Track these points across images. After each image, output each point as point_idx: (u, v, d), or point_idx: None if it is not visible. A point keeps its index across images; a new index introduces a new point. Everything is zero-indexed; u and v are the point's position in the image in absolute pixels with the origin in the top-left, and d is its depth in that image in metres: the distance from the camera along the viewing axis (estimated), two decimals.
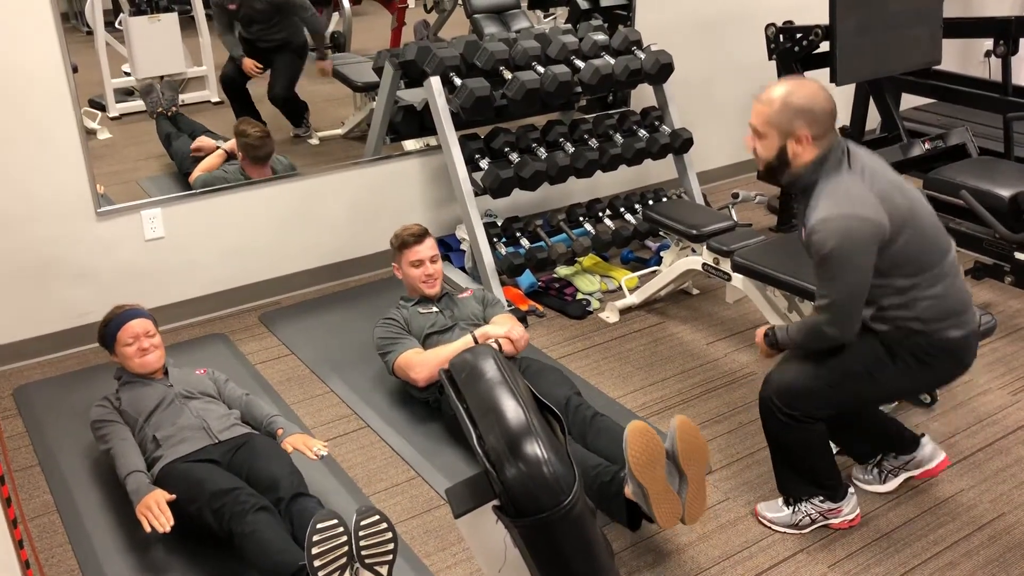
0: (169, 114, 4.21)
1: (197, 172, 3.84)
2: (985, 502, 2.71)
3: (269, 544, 2.23)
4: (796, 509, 2.59)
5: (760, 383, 2.87)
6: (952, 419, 3.10)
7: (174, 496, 2.39)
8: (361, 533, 2.11)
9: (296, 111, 4.41)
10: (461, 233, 4.01)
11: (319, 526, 2.08)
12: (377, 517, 2.14)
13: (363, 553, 2.10)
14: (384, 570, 2.14)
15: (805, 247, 2.33)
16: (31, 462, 2.88)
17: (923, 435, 2.75)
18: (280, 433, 2.68)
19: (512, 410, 1.87)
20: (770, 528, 2.61)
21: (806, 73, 4.17)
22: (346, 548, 2.08)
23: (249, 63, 4.26)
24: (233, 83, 4.32)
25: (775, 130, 2.28)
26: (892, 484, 2.75)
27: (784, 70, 4.23)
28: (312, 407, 3.17)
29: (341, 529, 2.09)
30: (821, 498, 2.58)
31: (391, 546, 2.15)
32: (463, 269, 4.01)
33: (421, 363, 2.91)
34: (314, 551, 2.05)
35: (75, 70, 3.18)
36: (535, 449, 1.82)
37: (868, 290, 2.28)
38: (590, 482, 2.39)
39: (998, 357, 3.46)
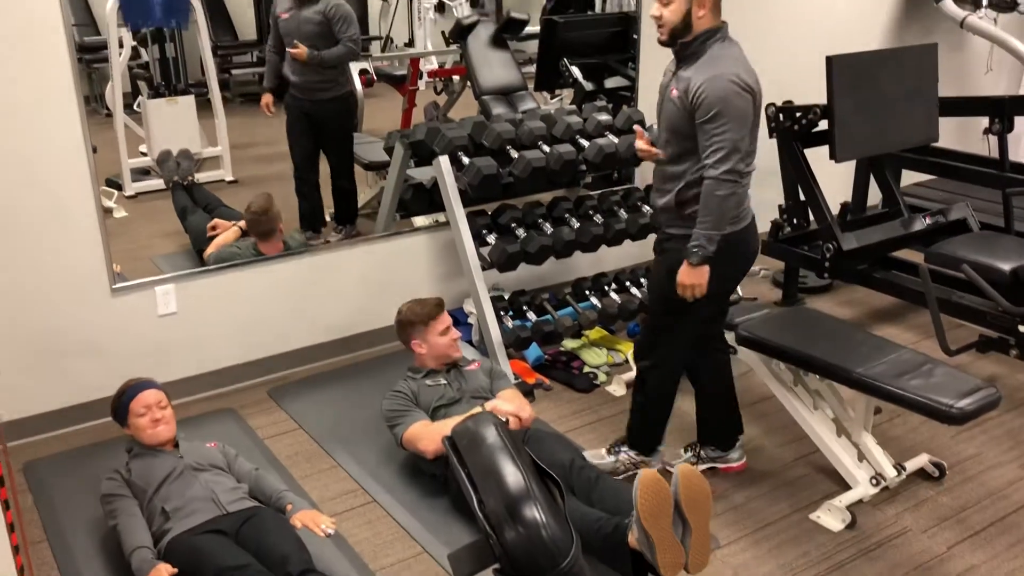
0: (185, 183, 4.31)
1: (211, 248, 3.92)
2: None
3: None
4: (617, 458, 3.11)
5: (768, 459, 2.89)
6: (961, 493, 3.08)
7: (176, 571, 2.38)
8: None
9: (349, 207, 4.47)
10: (469, 307, 4.05)
11: None
12: None
13: None
14: None
15: (680, 104, 2.61)
16: (39, 538, 2.88)
17: (740, 437, 3.19)
18: (290, 508, 2.69)
19: (512, 475, 1.90)
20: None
21: (807, 151, 4.27)
22: None
23: (267, 99, 4.32)
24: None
25: None
26: (699, 468, 3.03)
27: (784, 148, 4.32)
28: (320, 482, 3.17)
29: None
30: (637, 451, 3.11)
31: None
32: (471, 342, 4.05)
33: (429, 437, 2.92)
34: None
35: (94, 151, 3.29)
36: (534, 513, 1.84)
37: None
38: (594, 534, 2.38)
39: (1006, 431, 3.45)
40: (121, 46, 4.31)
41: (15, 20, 3.01)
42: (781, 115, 4.26)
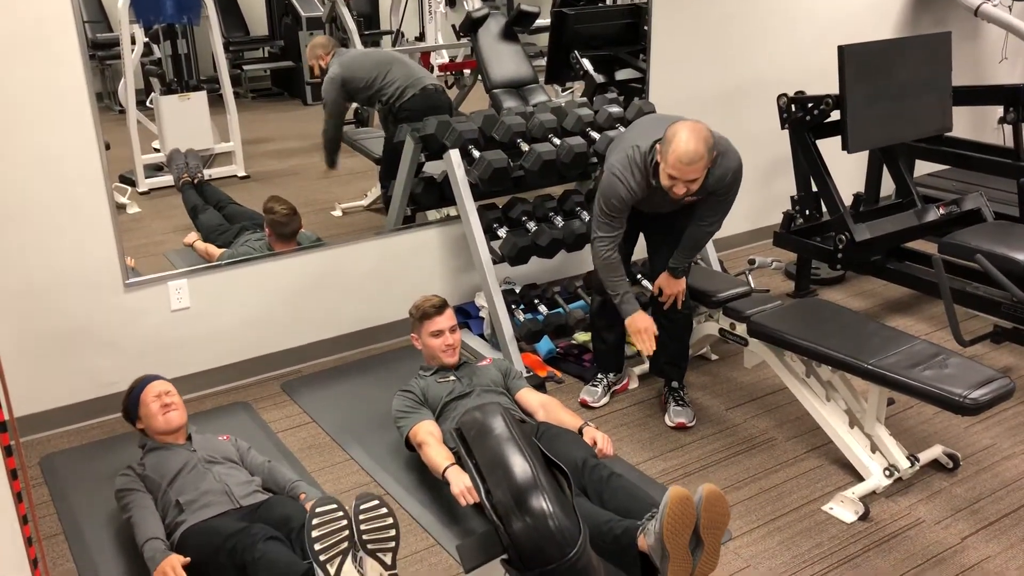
0: (195, 182, 4.33)
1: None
2: (1012, 569, 2.66)
3: (276, 563, 2.26)
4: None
5: (781, 450, 2.87)
6: (976, 484, 3.06)
7: (189, 559, 2.42)
8: (361, 517, 2.11)
9: None
10: (480, 301, 4.06)
11: (318, 510, 2.09)
12: (376, 502, 2.14)
13: (364, 538, 2.10)
14: (388, 558, 2.12)
15: (703, 193, 3.04)
16: (55, 530, 2.91)
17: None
18: (303, 498, 2.71)
19: (519, 465, 1.91)
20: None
21: (819, 142, 4.25)
22: (347, 532, 2.08)
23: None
24: None
25: (706, 169, 2.92)
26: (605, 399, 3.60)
27: (796, 139, 4.30)
28: (332, 474, 3.19)
29: (341, 514, 2.09)
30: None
31: (392, 532, 2.15)
32: (482, 336, 4.05)
33: (426, 452, 2.87)
34: (314, 534, 2.04)
35: (107, 147, 3.31)
36: (541, 503, 1.85)
37: None
38: (603, 535, 2.37)
39: (1020, 422, 3.43)
40: (133, 43, 4.33)
41: (27, 18, 3.03)
42: (793, 106, 4.24)
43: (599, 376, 3.66)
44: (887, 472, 3.00)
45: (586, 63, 4.55)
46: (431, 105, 4.19)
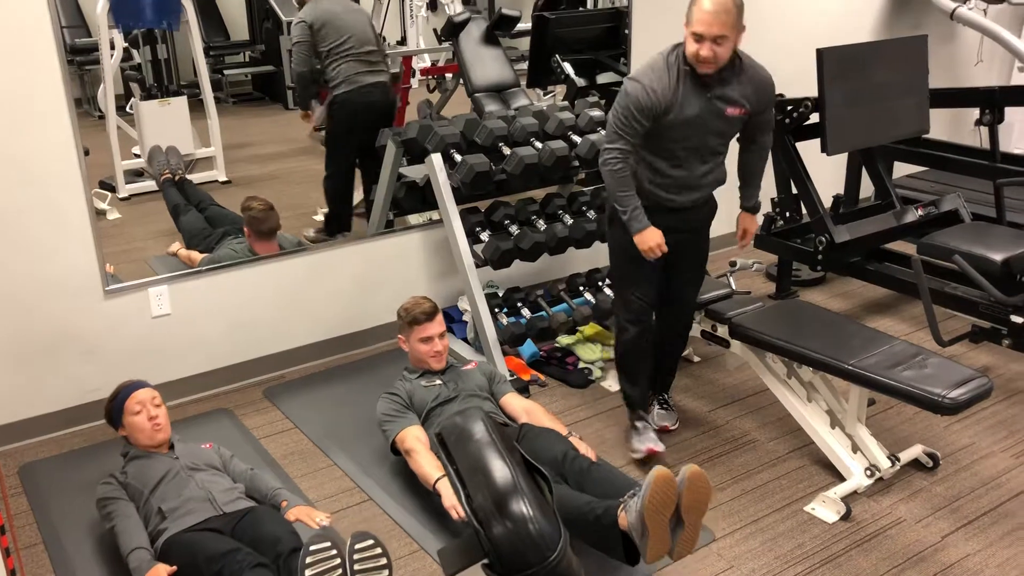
0: (177, 179, 4.30)
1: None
2: (992, 567, 2.69)
3: None
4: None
5: (763, 451, 2.88)
6: (955, 483, 3.09)
7: (175, 568, 2.40)
8: (356, 557, 2.11)
9: None
10: (463, 304, 4.06)
11: (312, 548, 2.09)
12: (372, 541, 2.14)
13: None
14: None
15: (741, 115, 2.94)
16: (35, 540, 2.89)
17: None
18: (284, 505, 2.70)
19: (499, 470, 1.92)
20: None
21: (798, 144, 4.28)
22: (340, 572, 2.08)
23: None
24: None
25: (735, 31, 2.75)
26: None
27: (776, 142, 4.32)
28: (315, 481, 3.18)
29: (335, 552, 2.09)
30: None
31: (386, 572, 2.14)
32: (465, 340, 4.05)
33: (415, 460, 2.85)
34: (308, 573, 2.04)
35: (87, 153, 3.28)
36: (521, 507, 1.86)
37: None
38: (584, 516, 2.39)
39: (999, 420, 3.47)
40: (112, 48, 4.30)
41: (4, 23, 3.01)
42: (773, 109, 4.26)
43: (641, 416, 3.33)
44: (868, 472, 3.02)
45: (567, 67, 4.57)
46: (370, 103, 4.24)
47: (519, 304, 4.04)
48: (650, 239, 2.95)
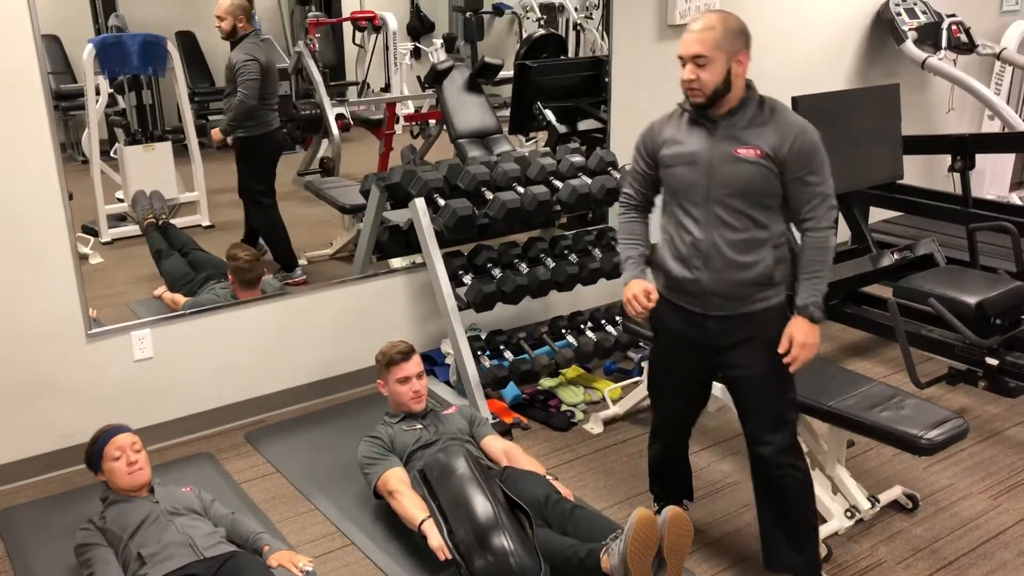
0: (160, 223, 4.32)
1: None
2: None
3: None
4: None
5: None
6: (935, 524, 3.11)
7: None
8: None
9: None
10: (446, 347, 4.07)
11: None
12: None
13: None
14: None
15: (765, 164, 2.45)
16: None
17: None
18: (266, 550, 2.68)
19: (481, 505, 1.93)
20: None
21: None
22: None
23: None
24: None
25: (723, 53, 2.39)
26: None
27: None
28: (297, 525, 3.16)
29: None
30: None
31: None
32: (448, 383, 4.06)
33: (399, 501, 2.83)
34: None
35: (71, 197, 3.30)
36: (502, 541, 1.87)
37: None
38: (568, 559, 2.40)
39: (977, 462, 3.50)
40: (98, 93, 4.34)
41: None
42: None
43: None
44: (848, 513, 3.03)
45: (549, 114, 4.65)
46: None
47: (501, 347, 4.06)
48: (634, 287, 2.65)
